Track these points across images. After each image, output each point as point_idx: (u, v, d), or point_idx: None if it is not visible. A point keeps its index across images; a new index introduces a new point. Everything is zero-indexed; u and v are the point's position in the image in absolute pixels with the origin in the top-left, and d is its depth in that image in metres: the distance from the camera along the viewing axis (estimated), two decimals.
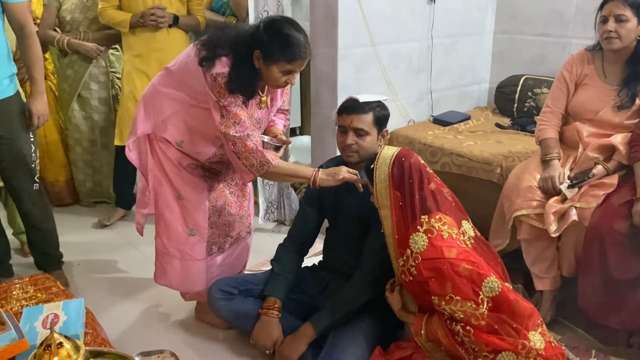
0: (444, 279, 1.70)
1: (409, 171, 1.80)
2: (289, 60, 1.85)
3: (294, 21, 1.92)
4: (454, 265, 1.70)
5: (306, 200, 2.21)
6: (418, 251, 1.73)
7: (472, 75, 3.53)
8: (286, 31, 1.84)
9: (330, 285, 2.17)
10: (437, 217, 1.77)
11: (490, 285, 1.71)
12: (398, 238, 1.79)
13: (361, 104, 1.99)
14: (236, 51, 1.88)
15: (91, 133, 3.36)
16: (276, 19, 1.92)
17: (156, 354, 2.04)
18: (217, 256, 2.27)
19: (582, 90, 2.35)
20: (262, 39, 1.84)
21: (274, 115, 2.23)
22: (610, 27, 2.16)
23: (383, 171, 1.81)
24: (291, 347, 1.98)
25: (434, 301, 1.72)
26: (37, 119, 2.29)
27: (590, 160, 2.23)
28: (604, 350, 2.11)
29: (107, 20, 3.04)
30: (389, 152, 1.84)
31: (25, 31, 2.23)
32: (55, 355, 1.19)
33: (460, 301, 1.69)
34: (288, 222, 3.21)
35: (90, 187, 3.50)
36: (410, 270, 1.75)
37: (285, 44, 1.84)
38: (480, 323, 1.70)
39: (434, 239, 1.74)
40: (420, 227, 1.75)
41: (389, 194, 1.81)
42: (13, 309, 1.72)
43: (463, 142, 2.84)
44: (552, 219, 2.11)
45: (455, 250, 1.73)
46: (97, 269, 2.80)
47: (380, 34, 2.87)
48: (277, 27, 1.85)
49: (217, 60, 1.87)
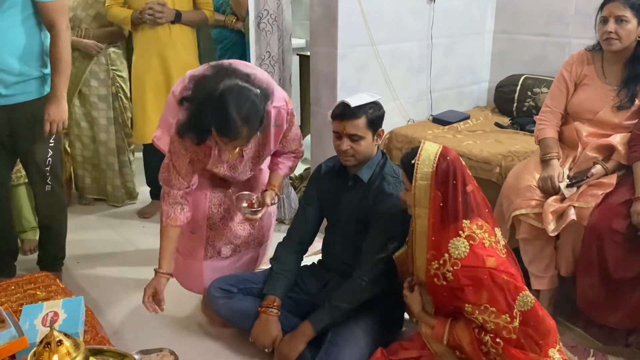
0: (481, 288, 1.65)
1: (454, 171, 1.71)
2: (217, 132, 1.81)
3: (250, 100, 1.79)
4: (493, 276, 1.65)
5: (306, 200, 2.21)
6: (458, 257, 1.66)
7: (471, 74, 3.54)
8: (226, 107, 1.74)
9: (329, 284, 2.17)
10: (478, 223, 1.71)
11: (524, 300, 1.67)
12: (435, 240, 1.72)
13: (352, 110, 1.93)
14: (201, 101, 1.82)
15: (90, 129, 3.37)
16: (232, 91, 1.77)
17: (155, 352, 2.05)
18: (216, 260, 2.26)
19: (582, 91, 2.35)
20: (211, 102, 1.78)
21: (281, 158, 2.22)
22: (610, 28, 2.16)
23: (426, 168, 1.71)
24: (290, 345, 1.98)
25: (467, 309, 1.68)
26: (48, 125, 2.23)
27: (589, 160, 2.23)
28: (602, 349, 2.12)
29: (112, 17, 3.06)
30: (432, 149, 1.74)
31: (53, 32, 2.19)
32: (55, 353, 1.19)
33: (495, 312, 1.65)
34: (287, 221, 3.21)
35: (89, 183, 3.51)
36: (445, 275, 1.69)
37: (219, 118, 1.77)
38: (512, 337, 1.66)
39: (475, 247, 1.67)
40: (461, 232, 1.68)
41: (429, 192, 1.71)
42: (12, 307, 1.72)
43: (462, 142, 2.84)
44: (550, 218, 2.11)
45: (496, 260, 1.67)
46: (96, 267, 2.80)
47: (380, 34, 2.87)
48: (223, 99, 1.75)
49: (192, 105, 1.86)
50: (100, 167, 3.45)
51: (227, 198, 2.23)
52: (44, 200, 2.45)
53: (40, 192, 2.43)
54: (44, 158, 2.34)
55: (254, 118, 1.80)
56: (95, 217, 3.38)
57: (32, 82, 2.22)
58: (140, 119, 3.13)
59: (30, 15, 2.15)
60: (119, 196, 3.50)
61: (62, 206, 2.56)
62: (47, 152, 2.34)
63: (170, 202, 2.05)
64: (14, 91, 2.19)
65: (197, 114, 1.81)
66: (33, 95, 2.24)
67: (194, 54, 3.17)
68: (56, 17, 2.17)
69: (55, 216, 2.53)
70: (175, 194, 2.05)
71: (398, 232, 1.96)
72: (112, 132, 3.36)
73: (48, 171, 2.37)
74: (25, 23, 2.15)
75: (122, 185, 3.50)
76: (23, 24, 2.14)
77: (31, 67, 2.20)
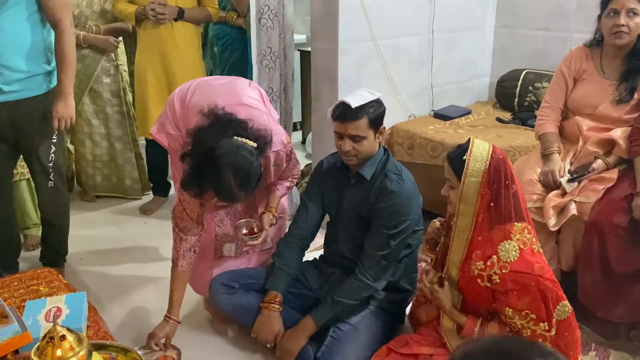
0: (526, 294, 1.62)
1: (506, 171, 1.66)
2: (216, 195, 1.84)
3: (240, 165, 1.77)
4: (539, 283, 1.62)
5: (307, 196, 2.21)
6: (507, 260, 1.62)
7: (473, 69, 3.53)
8: (224, 173, 1.74)
9: (331, 279, 2.17)
10: (528, 227, 1.68)
11: (563, 309, 1.65)
12: (482, 239, 1.67)
13: (354, 111, 1.91)
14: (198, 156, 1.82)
15: (104, 126, 3.37)
16: (230, 157, 1.76)
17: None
18: (225, 261, 2.27)
19: (581, 86, 2.35)
20: (209, 162, 1.77)
21: (279, 180, 2.23)
22: (622, 21, 2.14)
23: (479, 165, 1.65)
24: (292, 340, 1.99)
25: (507, 313, 1.65)
26: (56, 122, 2.25)
27: (590, 155, 2.23)
28: (604, 343, 2.12)
29: (118, 13, 3.08)
30: (484, 146, 1.68)
31: (57, 29, 2.19)
32: (58, 348, 1.20)
33: (534, 320, 1.63)
34: (289, 217, 3.21)
35: (99, 181, 3.51)
36: (491, 277, 1.64)
37: (216, 182, 1.78)
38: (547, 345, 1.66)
39: (525, 252, 1.63)
40: (512, 236, 1.64)
41: (478, 190, 1.65)
42: (16, 303, 1.73)
43: (464, 137, 2.82)
44: (551, 212, 2.12)
45: (542, 267, 1.65)
46: (99, 263, 2.81)
47: (380, 29, 2.87)
48: (221, 165, 1.75)
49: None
50: (114, 164, 3.46)
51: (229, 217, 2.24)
52: (47, 197, 2.46)
53: (43, 189, 2.43)
54: (47, 154, 2.34)
55: (251, 182, 1.81)
56: (97, 214, 3.39)
57: (35, 79, 2.23)
58: (142, 114, 3.15)
59: (34, 12, 2.16)
60: (138, 189, 3.52)
61: (65, 202, 2.57)
62: (51, 148, 2.34)
63: (186, 248, 2.06)
64: (18, 87, 2.19)
65: (196, 174, 1.81)
66: (36, 91, 2.24)
67: (197, 51, 3.17)
68: (60, 14, 2.17)
69: (58, 212, 2.54)
70: (190, 239, 2.05)
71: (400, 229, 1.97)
72: (127, 126, 3.37)
73: (51, 167, 2.37)
74: (29, 20, 2.15)
75: (140, 179, 3.52)
76: (27, 21, 2.14)
77: (35, 64, 2.21)
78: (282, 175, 2.20)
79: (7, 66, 2.14)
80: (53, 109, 2.23)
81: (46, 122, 2.26)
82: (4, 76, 2.15)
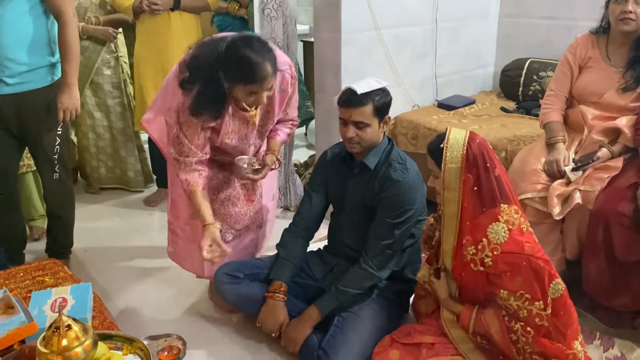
0: (519, 274, 1.63)
1: (483, 154, 1.69)
2: (246, 83, 1.83)
3: (257, 41, 1.84)
4: (532, 262, 1.64)
5: (311, 186, 2.21)
6: (498, 242, 1.65)
7: (477, 59, 3.52)
8: (242, 53, 1.79)
9: (335, 269, 2.18)
10: (515, 207, 1.69)
11: (557, 287, 1.66)
12: (470, 225, 1.70)
13: (359, 97, 1.92)
14: (206, 73, 1.85)
15: (106, 118, 3.37)
16: (237, 41, 1.83)
17: (163, 337, 2.08)
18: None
19: (587, 73, 2.33)
20: (223, 62, 1.81)
21: (279, 125, 2.23)
22: (630, 8, 2.13)
23: (456, 151, 1.68)
24: (297, 330, 1.99)
25: (502, 295, 1.66)
26: (61, 113, 2.25)
27: (595, 143, 2.22)
28: (608, 332, 2.12)
29: (117, 7, 3.09)
30: (460, 134, 1.72)
31: (60, 20, 2.19)
32: (64, 338, 1.21)
33: (530, 300, 1.64)
34: (293, 208, 3.22)
35: (104, 173, 3.53)
36: (483, 260, 1.67)
37: (240, 68, 1.80)
38: (544, 324, 1.65)
39: (514, 232, 1.66)
40: (500, 217, 1.66)
41: (459, 175, 1.68)
42: (22, 294, 1.74)
43: (468, 127, 2.83)
44: (555, 201, 2.11)
45: (533, 246, 1.66)
46: (104, 255, 2.83)
47: (384, 18, 2.85)
48: (233, 50, 1.80)
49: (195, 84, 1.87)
50: (117, 156, 3.47)
51: (226, 184, 2.24)
52: (53, 189, 2.48)
53: (48, 181, 2.45)
54: (52, 146, 2.35)
55: (268, 49, 1.84)
56: (102, 206, 3.40)
57: (40, 71, 2.23)
58: (140, 106, 3.14)
59: (37, 4, 2.16)
60: (141, 181, 3.53)
61: (70, 194, 2.58)
62: (56, 140, 2.35)
63: (187, 170, 2.04)
64: (22, 80, 2.20)
65: (208, 86, 1.82)
66: (41, 83, 2.24)
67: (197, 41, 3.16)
68: (63, 5, 2.17)
69: (63, 204, 2.55)
70: (190, 161, 2.04)
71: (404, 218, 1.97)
72: (128, 118, 3.37)
73: (56, 159, 2.38)
74: (32, 12, 2.15)
75: (142, 170, 3.53)
76: (29, 14, 2.14)
77: (39, 56, 2.21)
78: (284, 116, 2.20)
79: (11, 59, 2.14)
80: (58, 100, 2.24)
81: (51, 114, 2.26)
82: (9, 69, 2.16)
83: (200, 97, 1.86)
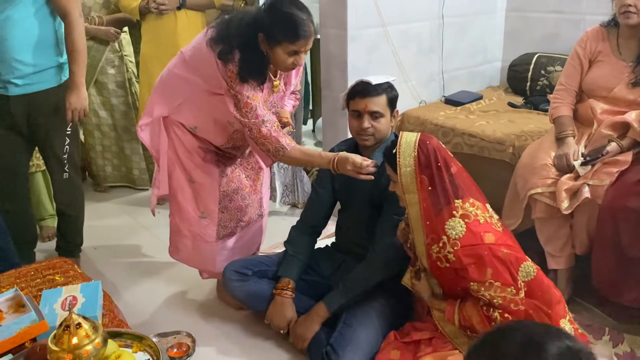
0: (483, 265, 1.67)
1: (435, 155, 1.74)
2: (292, 40, 1.84)
3: (297, 0, 1.88)
4: (493, 251, 1.67)
5: (318, 183, 2.22)
6: (456, 237, 1.69)
7: (484, 54, 3.50)
8: (286, 10, 1.82)
9: (342, 266, 2.18)
10: (470, 201, 1.73)
11: (527, 270, 1.69)
12: (430, 224, 1.74)
13: (374, 87, 1.97)
14: (243, 38, 1.86)
15: (110, 117, 3.39)
16: (271, 5, 1.86)
17: (173, 334, 2.09)
18: (227, 240, 2.29)
19: (596, 67, 2.32)
20: (264, 21, 1.83)
21: (286, 98, 2.23)
22: (629, 1, 2.12)
23: (408, 155, 1.74)
24: (305, 326, 2.00)
25: (472, 287, 1.69)
26: (70, 113, 2.27)
27: (604, 138, 2.20)
28: (617, 328, 2.11)
29: (123, 8, 3.09)
30: (411, 137, 1.78)
31: (66, 20, 2.19)
32: (75, 336, 1.22)
33: (500, 287, 1.67)
34: (301, 205, 3.22)
35: (109, 171, 3.55)
36: (447, 257, 1.71)
37: (286, 25, 1.82)
38: (520, 308, 1.68)
39: (471, 225, 1.70)
40: (455, 212, 1.71)
41: (415, 178, 1.74)
42: (32, 292, 1.75)
43: (475, 122, 2.82)
44: (564, 196, 2.10)
45: (493, 235, 1.69)
46: (113, 252, 2.84)
47: (390, 14, 2.84)
48: (278, 7, 1.83)
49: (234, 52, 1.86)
50: (122, 154, 3.48)
51: (234, 178, 2.25)
52: (62, 188, 2.49)
53: (58, 180, 2.47)
54: (62, 146, 2.37)
55: (309, 13, 1.86)
56: (110, 204, 3.42)
57: (48, 72, 2.25)
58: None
59: (43, 6, 2.17)
60: (146, 179, 3.54)
61: (79, 193, 2.60)
62: (65, 140, 2.37)
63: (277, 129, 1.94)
64: (31, 81, 2.21)
65: (249, 51, 1.83)
66: (50, 84, 2.26)
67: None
68: (68, 5, 2.18)
69: (73, 203, 2.57)
70: (273, 120, 1.96)
71: None
72: (133, 117, 3.38)
73: (66, 159, 2.40)
74: (38, 13, 2.16)
75: (147, 169, 3.54)
76: (36, 15, 2.15)
77: (47, 56, 2.22)
78: None
79: (20, 60, 2.16)
80: (66, 100, 2.25)
81: (60, 114, 2.28)
82: (18, 70, 2.17)
83: (245, 63, 1.86)
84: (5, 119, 2.26)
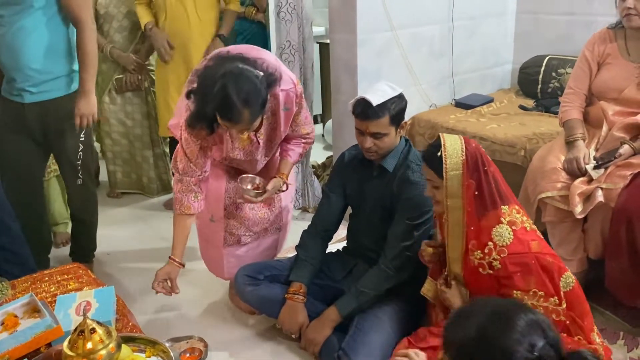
0: (529, 273, 1.63)
1: (481, 158, 1.68)
2: (221, 118, 1.82)
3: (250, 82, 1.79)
4: (540, 260, 1.63)
5: (330, 188, 2.22)
6: (503, 244, 1.64)
7: (494, 56, 3.48)
8: (227, 92, 1.75)
9: (354, 270, 2.18)
10: (515, 207, 1.69)
11: (567, 281, 1.65)
12: (474, 229, 1.68)
13: (374, 110, 1.89)
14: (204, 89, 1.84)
15: (123, 125, 3.42)
16: (232, 74, 1.78)
17: (185, 339, 2.11)
18: (235, 247, 2.29)
19: (605, 70, 2.30)
20: (210, 87, 1.78)
21: (291, 144, 2.23)
22: (629, 4, 2.12)
23: (456, 158, 1.67)
24: (316, 330, 2.00)
25: (516, 295, 1.65)
26: (78, 119, 2.28)
27: (616, 140, 2.18)
28: (632, 332, 2.09)
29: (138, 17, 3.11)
30: (455, 140, 1.70)
31: (79, 27, 2.22)
32: (89, 340, 1.24)
33: (544, 296, 1.63)
34: (312, 209, 3.23)
35: (120, 178, 3.58)
36: (491, 264, 1.66)
37: (220, 102, 1.77)
38: (561, 319, 1.64)
39: (518, 232, 1.65)
40: (502, 219, 1.65)
41: (461, 182, 1.67)
42: (47, 298, 1.78)
43: (486, 125, 2.81)
44: (577, 200, 2.08)
45: (539, 243, 1.66)
46: (127, 258, 2.87)
47: (399, 18, 2.84)
48: (221, 83, 1.76)
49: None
50: (133, 161, 3.52)
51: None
52: (76, 194, 2.52)
53: (72, 186, 2.50)
54: (76, 152, 2.40)
55: (255, 100, 1.80)
56: (124, 210, 3.45)
57: (62, 79, 2.28)
58: (164, 112, 3.18)
59: (56, 13, 2.19)
60: (154, 188, 3.57)
61: (93, 199, 2.63)
62: (79, 146, 2.39)
63: (183, 190, 2.08)
64: (45, 88, 2.24)
65: (202, 103, 1.82)
66: (63, 91, 2.29)
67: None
68: (81, 12, 2.20)
69: (87, 209, 2.60)
70: (188, 181, 2.07)
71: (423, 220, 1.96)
72: (147, 126, 3.42)
73: (79, 165, 2.43)
74: (51, 22, 2.19)
75: (157, 178, 3.56)
76: (49, 24, 2.18)
77: (59, 64, 2.25)
78: (292, 132, 2.18)
79: (34, 68, 2.19)
80: (75, 106, 2.27)
81: (73, 120, 2.30)
82: (32, 78, 2.20)
83: (197, 110, 1.86)
84: (21, 127, 2.29)
